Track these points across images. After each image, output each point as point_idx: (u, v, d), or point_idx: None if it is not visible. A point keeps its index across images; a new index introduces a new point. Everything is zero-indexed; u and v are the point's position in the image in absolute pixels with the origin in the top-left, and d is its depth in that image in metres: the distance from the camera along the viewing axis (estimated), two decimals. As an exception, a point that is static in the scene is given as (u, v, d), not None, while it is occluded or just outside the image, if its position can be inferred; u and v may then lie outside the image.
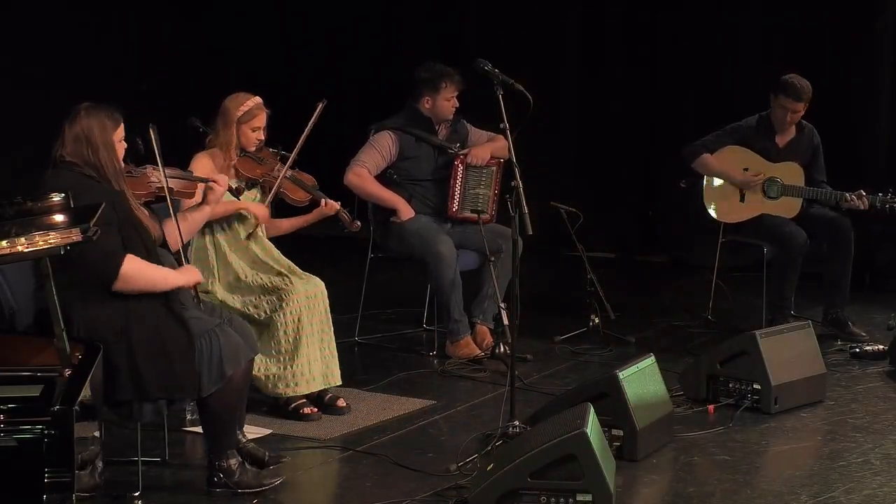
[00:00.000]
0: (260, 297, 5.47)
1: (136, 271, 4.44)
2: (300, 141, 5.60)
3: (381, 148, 6.59)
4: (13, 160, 8.17)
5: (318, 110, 5.62)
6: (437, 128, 6.69)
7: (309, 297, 5.51)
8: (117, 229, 4.44)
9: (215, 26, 9.68)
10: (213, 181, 5.08)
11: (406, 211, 6.58)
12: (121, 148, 4.59)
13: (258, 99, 5.55)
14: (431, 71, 6.61)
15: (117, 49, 8.94)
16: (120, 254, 4.41)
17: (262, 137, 5.59)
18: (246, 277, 5.50)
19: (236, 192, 5.34)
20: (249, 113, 5.51)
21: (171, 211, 4.80)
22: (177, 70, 9.06)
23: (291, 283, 5.49)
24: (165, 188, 4.78)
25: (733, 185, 7.02)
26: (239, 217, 5.56)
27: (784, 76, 6.97)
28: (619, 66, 9.38)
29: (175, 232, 4.81)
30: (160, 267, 4.59)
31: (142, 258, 4.52)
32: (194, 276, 4.69)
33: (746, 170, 7.01)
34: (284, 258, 5.66)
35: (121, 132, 4.58)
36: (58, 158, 4.51)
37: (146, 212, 4.69)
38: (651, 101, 9.34)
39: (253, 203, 5.57)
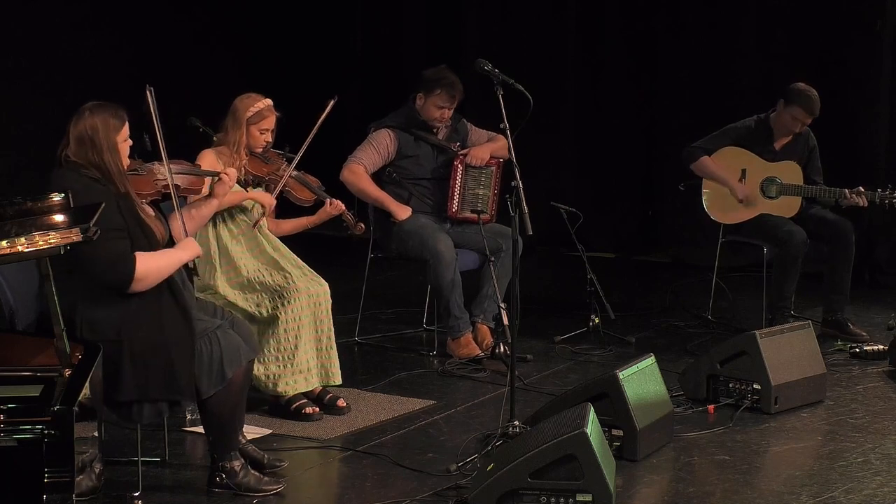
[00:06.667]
0: (262, 295, 5.47)
1: (150, 267, 4.42)
2: (307, 140, 5.60)
3: (378, 146, 6.59)
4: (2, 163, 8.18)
5: (328, 108, 5.59)
6: (435, 129, 6.68)
7: (311, 296, 5.51)
8: (126, 233, 4.43)
9: (215, 25, 9.67)
10: (222, 174, 5.05)
11: (398, 211, 6.57)
12: (125, 147, 4.54)
13: (269, 101, 5.56)
14: (437, 73, 6.60)
15: (114, 49, 8.92)
16: (130, 257, 4.39)
17: (270, 140, 5.60)
18: (248, 273, 5.50)
19: (245, 184, 5.32)
20: (259, 114, 5.52)
21: (176, 207, 4.75)
22: (176, 69, 9.05)
23: (294, 281, 5.49)
24: (171, 184, 4.72)
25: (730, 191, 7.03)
26: (242, 210, 5.56)
27: (797, 85, 6.92)
28: (618, 67, 9.38)
29: (180, 228, 4.79)
30: (164, 251, 4.56)
31: None
32: (194, 248, 4.65)
33: (745, 170, 7.01)
34: (292, 253, 5.66)
35: (125, 131, 4.52)
36: (62, 158, 4.48)
37: (152, 211, 4.66)
38: (651, 101, 9.34)
39: (259, 192, 5.57)
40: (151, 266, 4.43)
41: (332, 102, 5.59)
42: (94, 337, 4.32)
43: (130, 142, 4.57)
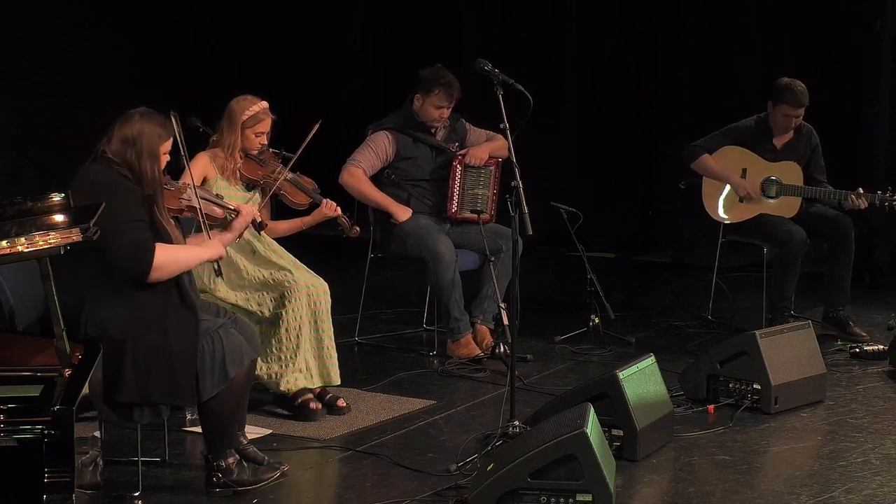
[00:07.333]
0: (263, 295, 5.46)
1: (168, 258, 4.45)
2: (301, 148, 5.58)
3: (377, 148, 6.59)
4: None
5: (313, 130, 5.55)
6: (433, 129, 6.68)
7: (311, 294, 5.51)
8: (148, 224, 4.47)
9: (215, 25, 9.67)
10: (240, 212, 5.05)
11: (399, 213, 6.57)
12: (164, 159, 4.60)
13: (264, 104, 5.54)
14: (433, 73, 6.60)
15: (114, 49, 8.92)
16: (150, 246, 4.42)
17: (266, 142, 5.60)
18: (248, 274, 5.50)
19: (259, 227, 5.31)
20: (255, 118, 5.51)
21: (204, 227, 4.77)
22: (176, 69, 9.05)
23: (294, 278, 5.49)
24: (199, 207, 4.75)
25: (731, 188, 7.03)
26: None
27: (780, 81, 6.94)
28: (618, 66, 9.38)
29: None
30: (186, 246, 4.62)
31: None
32: (217, 249, 4.72)
33: (745, 170, 7.01)
34: (288, 254, 5.66)
35: (168, 144, 4.58)
36: (99, 153, 4.52)
37: (172, 222, 4.69)
38: (651, 101, 9.34)
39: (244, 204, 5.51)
40: (170, 257, 4.46)
41: (316, 126, 5.54)
42: (98, 335, 4.33)
43: (169, 157, 4.62)
